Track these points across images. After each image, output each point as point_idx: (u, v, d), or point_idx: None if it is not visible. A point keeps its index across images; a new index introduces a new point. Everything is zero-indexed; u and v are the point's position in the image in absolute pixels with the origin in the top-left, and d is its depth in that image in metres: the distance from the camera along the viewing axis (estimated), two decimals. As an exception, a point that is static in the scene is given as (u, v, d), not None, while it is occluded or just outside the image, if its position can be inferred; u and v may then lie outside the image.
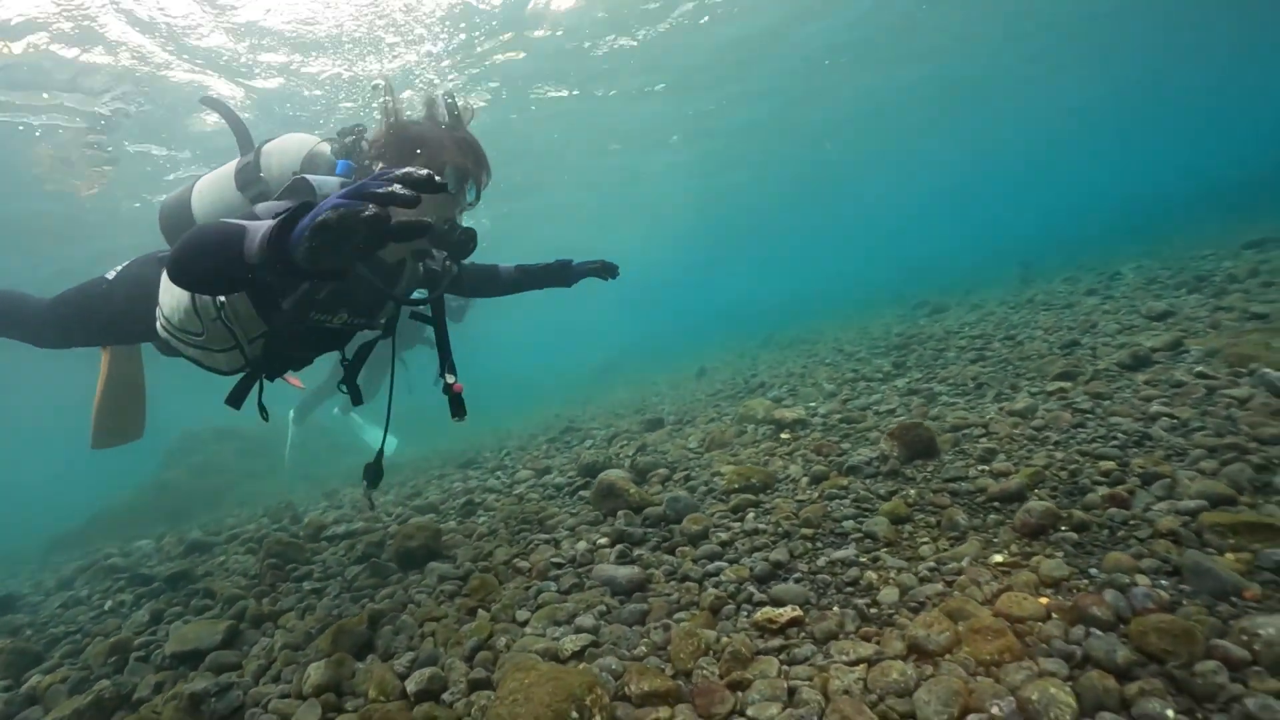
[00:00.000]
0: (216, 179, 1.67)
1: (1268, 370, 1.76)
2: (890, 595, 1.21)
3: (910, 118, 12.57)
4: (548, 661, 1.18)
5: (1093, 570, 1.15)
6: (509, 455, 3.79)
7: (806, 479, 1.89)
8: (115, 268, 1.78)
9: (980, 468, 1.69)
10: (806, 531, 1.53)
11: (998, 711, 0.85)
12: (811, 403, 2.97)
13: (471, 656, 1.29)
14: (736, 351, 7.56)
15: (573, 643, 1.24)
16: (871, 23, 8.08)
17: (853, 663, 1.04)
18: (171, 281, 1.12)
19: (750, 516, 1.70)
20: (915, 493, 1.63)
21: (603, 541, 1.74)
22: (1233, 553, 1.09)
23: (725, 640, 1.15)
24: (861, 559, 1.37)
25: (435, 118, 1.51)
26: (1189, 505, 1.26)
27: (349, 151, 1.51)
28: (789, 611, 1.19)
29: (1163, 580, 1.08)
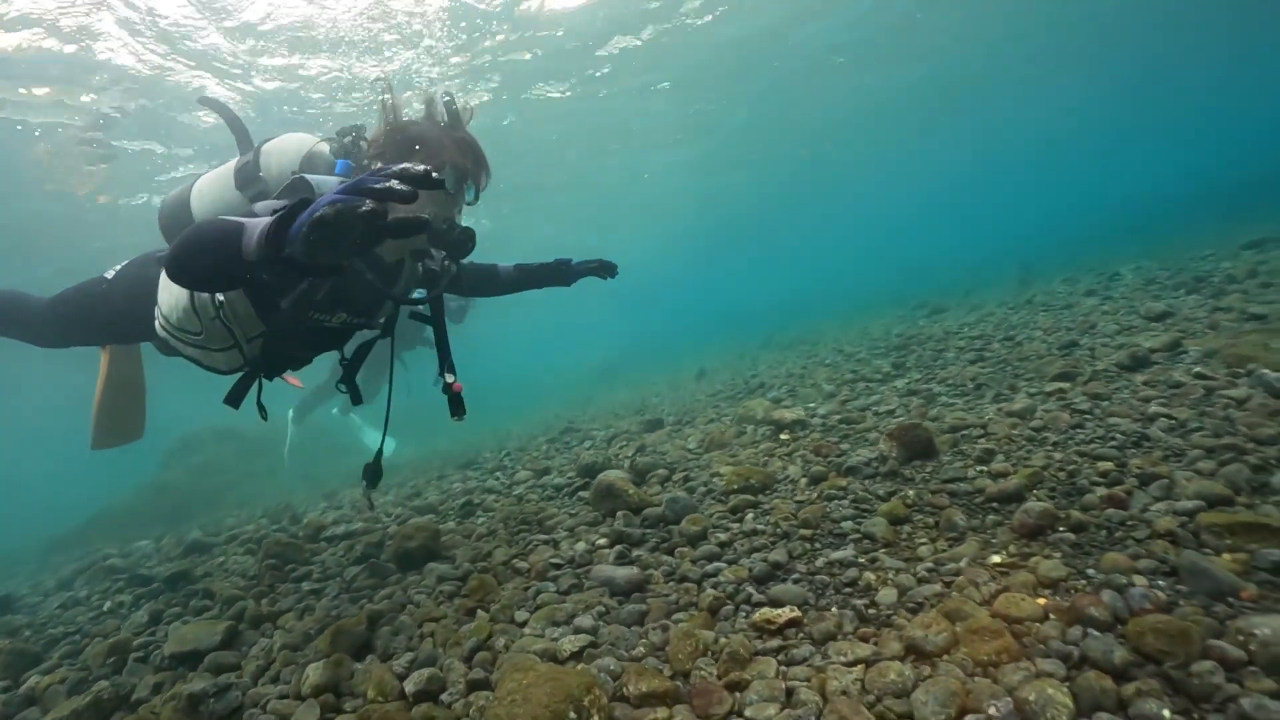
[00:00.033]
0: (216, 178, 1.67)
1: (1265, 371, 1.76)
2: (888, 596, 1.21)
3: (909, 118, 12.59)
4: (546, 662, 1.18)
5: (1090, 571, 1.15)
6: (508, 456, 3.79)
7: (805, 480, 1.89)
8: (114, 267, 1.79)
9: (979, 468, 1.69)
10: (805, 532, 1.53)
11: (995, 712, 0.85)
12: (811, 403, 2.97)
13: (470, 657, 1.30)
14: (736, 352, 7.56)
15: (571, 643, 1.24)
16: (871, 23, 8.11)
17: (850, 663, 1.04)
18: (170, 279, 1.12)
19: (749, 517, 1.70)
20: (914, 493, 1.63)
21: (601, 542, 1.74)
22: (1229, 553, 1.10)
23: (723, 641, 1.15)
24: (860, 560, 1.37)
25: (434, 117, 1.51)
26: (1186, 506, 1.26)
27: (348, 151, 1.52)
28: (787, 612, 1.19)
29: (1160, 581, 1.08)
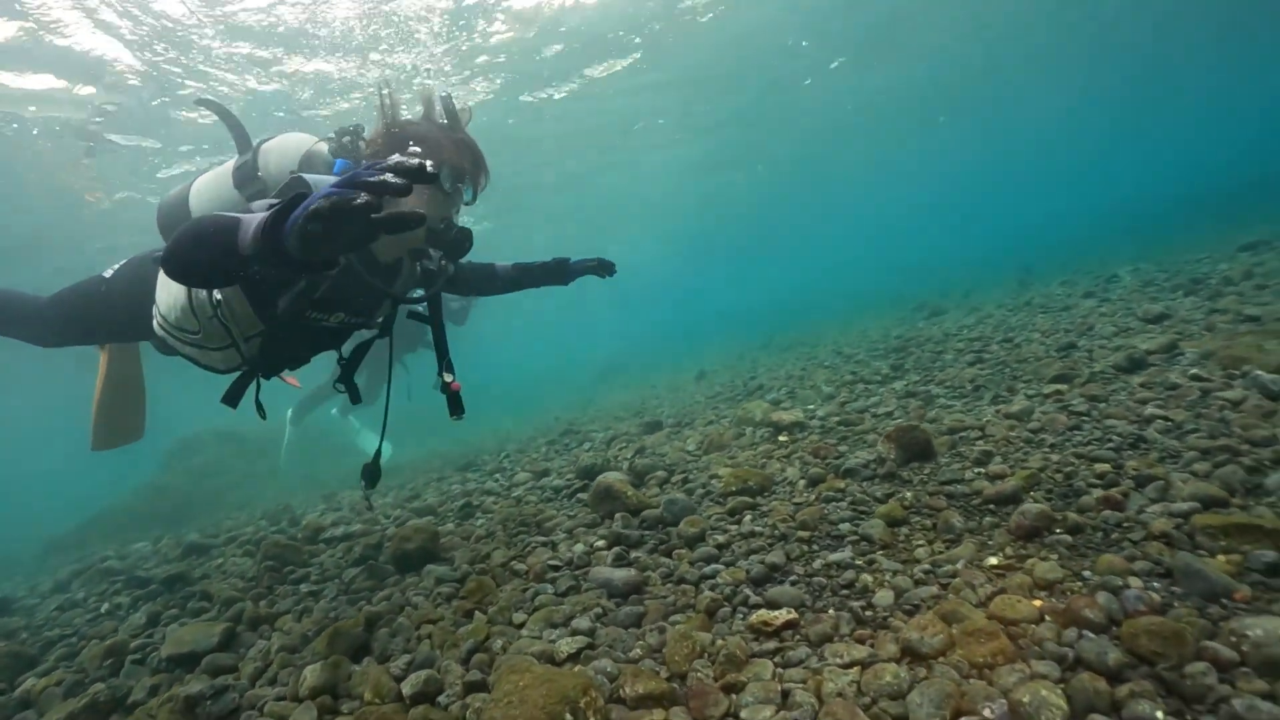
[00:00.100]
0: (214, 178, 1.67)
1: (1260, 372, 1.77)
2: (885, 598, 1.22)
3: (909, 118, 12.63)
4: (543, 664, 1.18)
5: (1086, 573, 1.15)
6: (508, 458, 3.79)
7: (803, 481, 1.90)
8: (113, 266, 1.79)
9: (976, 470, 1.69)
10: (803, 534, 1.54)
11: (989, 714, 0.85)
12: (810, 405, 2.97)
13: (468, 659, 1.30)
14: (736, 354, 7.57)
15: (569, 645, 1.24)
16: (871, 22, 8.13)
17: (846, 665, 1.04)
18: (166, 274, 1.12)
19: (747, 519, 1.71)
20: (912, 495, 1.64)
21: (600, 544, 1.74)
22: (1224, 554, 1.10)
23: (720, 643, 1.15)
24: (857, 561, 1.37)
25: (433, 117, 1.52)
26: (1182, 507, 1.26)
27: (347, 151, 1.52)
28: (784, 614, 1.19)
29: (1155, 582, 1.08)
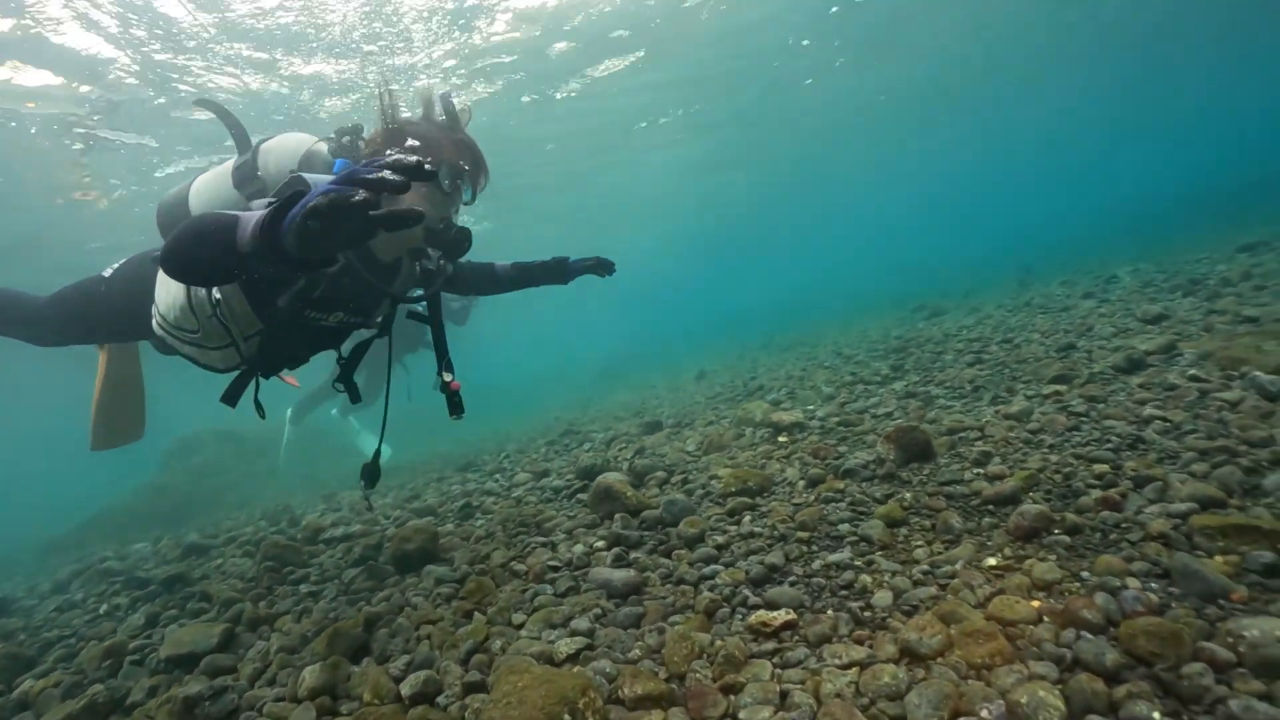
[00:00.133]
0: (214, 177, 1.67)
1: (1258, 373, 1.77)
2: (884, 598, 1.22)
3: (909, 118, 12.65)
4: (542, 664, 1.18)
5: (1084, 573, 1.15)
6: (508, 458, 3.79)
7: (803, 482, 1.90)
8: (112, 265, 1.79)
9: (975, 471, 1.69)
10: (802, 535, 1.54)
11: (987, 715, 0.85)
12: (810, 405, 2.97)
13: (467, 659, 1.30)
14: (736, 354, 7.57)
15: (568, 645, 1.24)
16: (872, 23, 8.14)
17: (845, 666, 1.04)
18: (165, 272, 1.12)
19: (746, 520, 1.71)
20: (911, 496, 1.64)
21: (599, 544, 1.74)
22: (1221, 555, 1.10)
23: (719, 643, 1.15)
24: (856, 562, 1.37)
25: (432, 117, 1.52)
26: (1180, 508, 1.27)
27: (346, 151, 1.52)
28: (783, 615, 1.20)
29: (1153, 583, 1.09)
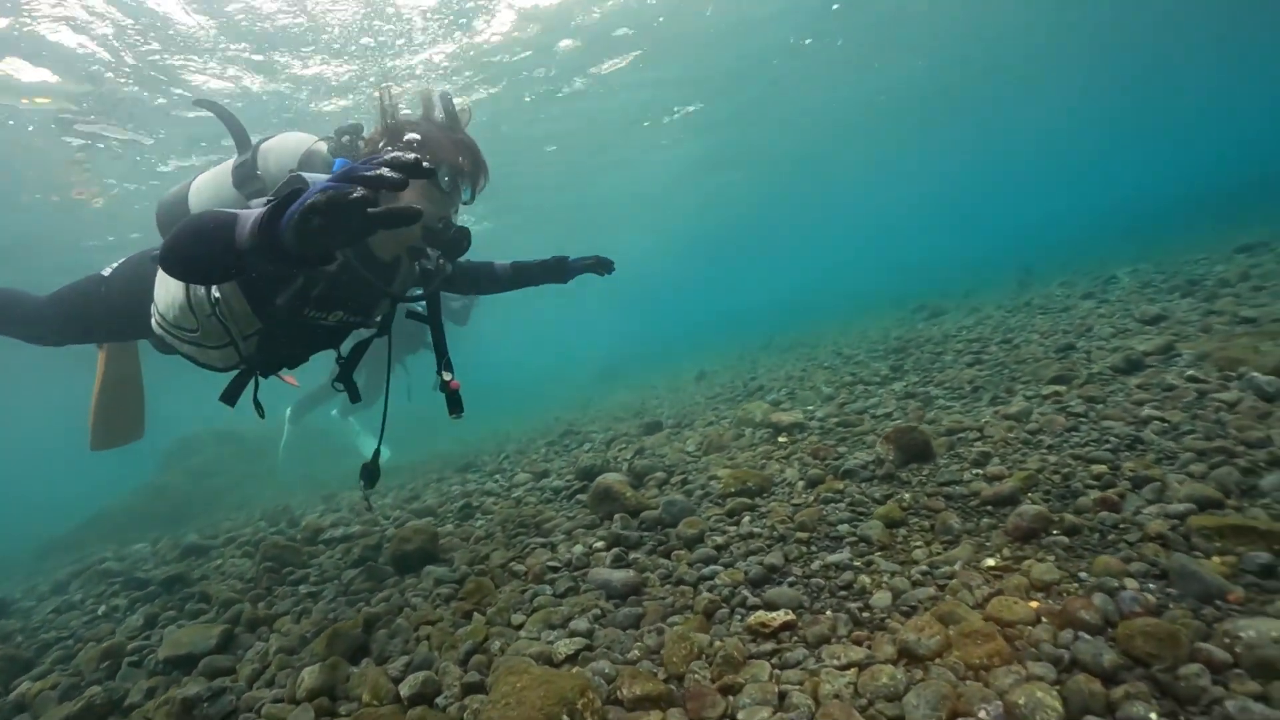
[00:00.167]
0: (214, 176, 1.67)
1: (1255, 374, 1.78)
2: (883, 599, 1.22)
3: (909, 117, 12.66)
4: (541, 665, 1.18)
5: (1083, 574, 1.15)
6: (507, 458, 3.79)
7: (802, 482, 1.90)
8: (112, 264, 1.79)
9: (974, 471, 1.70)
10: (801, 535, 1.54)
11: (985, 715, 0.85)
12: (809, 406, 2.97)
13: (466, 660, 1.30)
14: (736, 354, 7.58)
15: (567, 646, 1.24)
16: (872, 22, 8.14)
17: (843, 667, 1.04)
18: (163, 270, 1.12)
19: (746, 520, 1.71)
20: (910, 496, 1.64)
21: (599, 545, 1.75)
22: (1219, 556, 1.10)
23: (718, 644, 1.15)
24: (855, 563, 1.37)
25: (432, 117, 1.52)
26: (1178, 509, 1.27)
27: (346, 150, 1.52)
28: (782, 615, 1.20)
29: (1150, 584, 1.09)
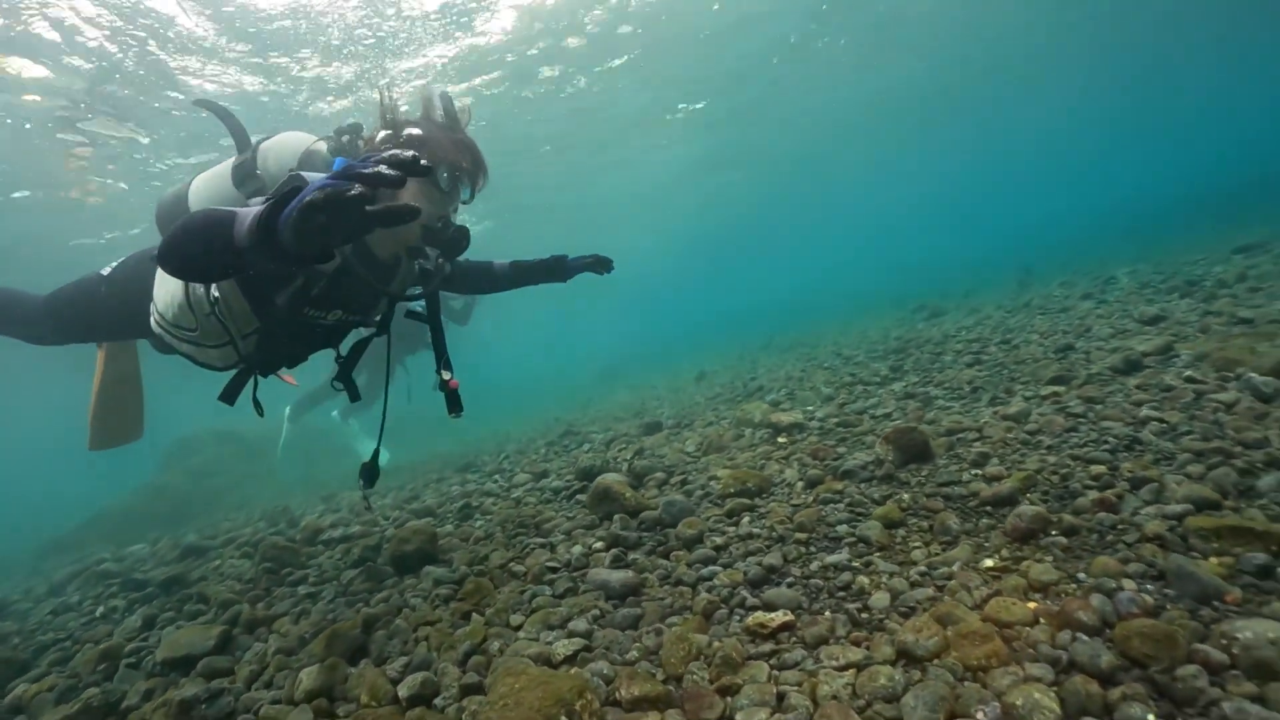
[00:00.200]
0: (214, 176, 1.67)
1: (1253, 375, 1.78)
2: (881, 600, 1.22)
3: (909, 119, 12.67)
4: (539, 666, 1.18)
5: (1081, 575, 1.16)
6: (507, 459, 3.79)
7: (802, 483, 1.90)
8: (111, 263, 1.79)
9: (973, 472, 1.70)
10: (800, 536, 1.54)
11: (982, 717, 0.86)
12: (809, 406, 2.98)
13: (464, 661, 1.30)
14: (736, 354, 7.58)
15: (565, 647, 1.24)
16: (872, 22, 8.15)
17: (842, 668, 1.04)
18: (162, 268, 1.11)
19: (745, 521, 1.71)
20: (909, 497, 1.64)
21: (598, 545, 1.75)
22: (1216, 557, 1.11)
23: (716, 645, 1.15)
24: (854, 563, 1.38)
25: (432, 117, 1.51)
26: (1175, 510, 1.27)
27: (346, 150, 1.52)
28: (780, 616, 1.20)
29: (1148, 585, 1.09)
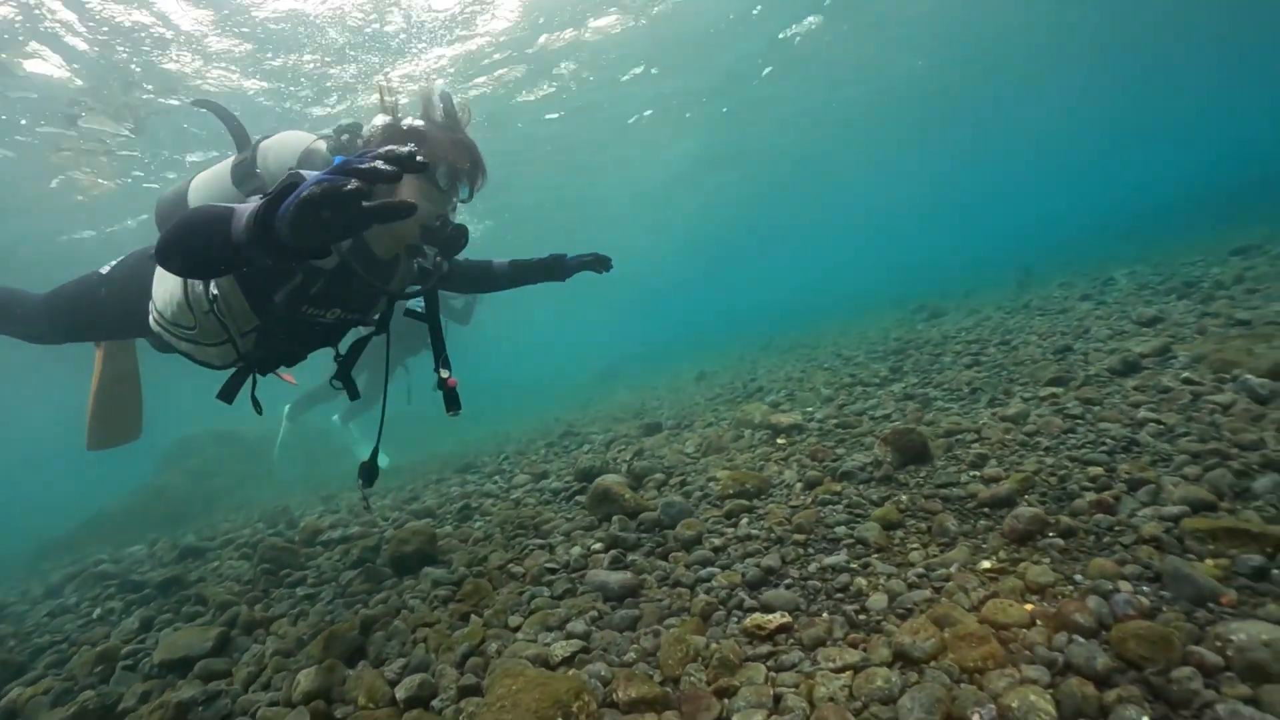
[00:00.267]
0: (213, 174, 1.67)
1: (1249, 377, 1.78)
2: (879, 602, 1.22)
3: (909, 119, 12.68)
4: (537, 668, 1.18)
5: (1078, 576, 1.16)
6: (507, 460, 3.79)
7: (801, 484, 1.90)
8: (110, 262, 1.79)
9: (972, 473, 1.70)
10: (799, 537, 1.54)
11: (978, 719, 0.86)
12: (809, 407, 2.98)
13: (462, 663, 1.30)
14: (736, 355, 7.58)
15: (563, 649, 1.24)
16: (872, 22, 8.16)
17: (839, 669, 1.04)
18: (160, 264, 1.11)
19: (744, 522, 1.71)
20: (907, 498, 1.64)
21: (597, 547, 1.75)
22: (1212, 558, 1.11)
23: (714, 647, 1.15)
24: (852, 565, 1.38)
25: (432, 116, 1.51)
26: (1172, 511, 1.27)
27: (345, 149, 1.52)
28: (778, 618, 1.20)
29: (1144, 586, 1.09)
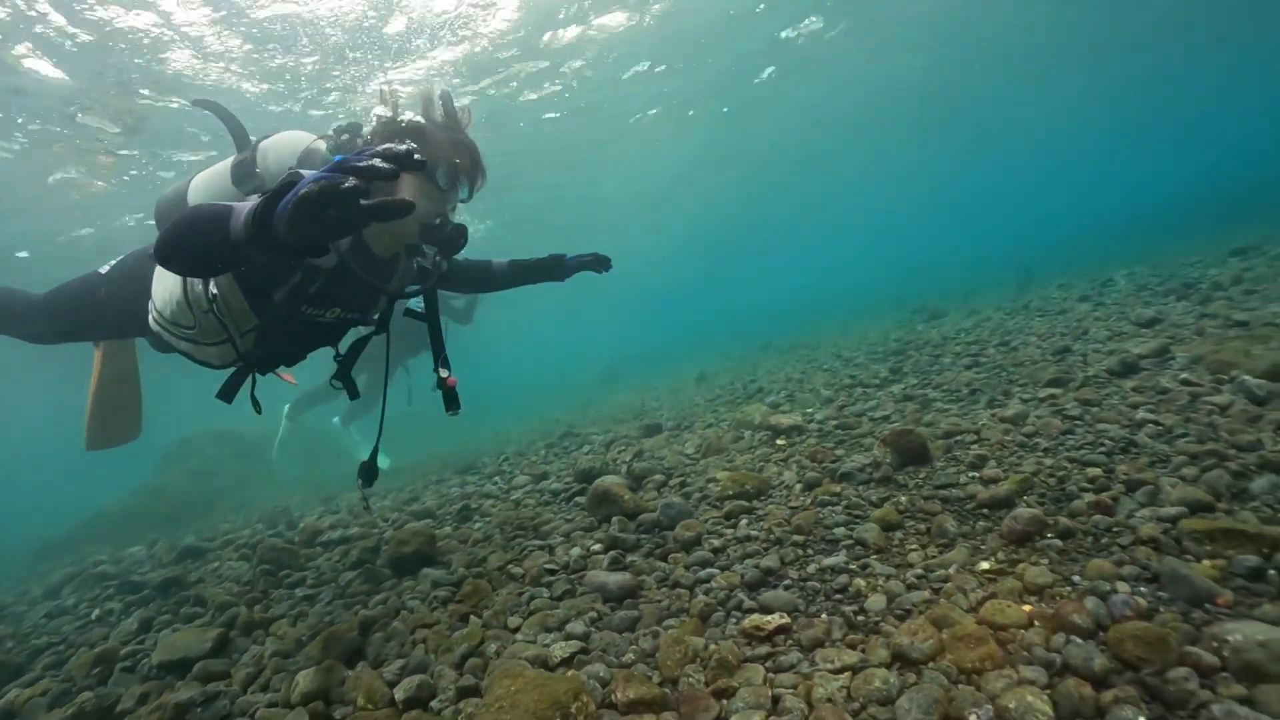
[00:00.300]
0: (213, 174, 1.68)
1: (1247, 378, 1.79)
2: (878, 603, 1.22)
3: (909, 119, 12.70)
4: (536, 668, 1.18)
5: (1076, 577, 1.16)
6: (507, 461, 3.79)
7: (800, 485, 1.90)
8: (110, 262, 1.79)
9: (971, 474, 1.70)
10: (798, 538, 1.54)
11: (975, 719, 0.86)
12: (808, 409, 2.98)
13: (461, 664, 1.30)
14: (737, 356, 7.59)
15: (562, 650, 1.25)
16: (872, 21, 8.17)
17: (837, 670, 1.05)
18: (159, 263, 1.11)
19: (743, 523, 1.71)
20: (906, 499, 1.64)
21: (596, 548, 1.75)
22: (1209, 559, 1.11)
23: (713, 648, 1.15)
24: (851, 566, 1.38)
25: (432, 116, 1.52)
26: (1170, 512, 1.28)
27: (345, 149, 1.52)
28: (777, 619, 1.20)
29: (1142, 587, 1.09)
